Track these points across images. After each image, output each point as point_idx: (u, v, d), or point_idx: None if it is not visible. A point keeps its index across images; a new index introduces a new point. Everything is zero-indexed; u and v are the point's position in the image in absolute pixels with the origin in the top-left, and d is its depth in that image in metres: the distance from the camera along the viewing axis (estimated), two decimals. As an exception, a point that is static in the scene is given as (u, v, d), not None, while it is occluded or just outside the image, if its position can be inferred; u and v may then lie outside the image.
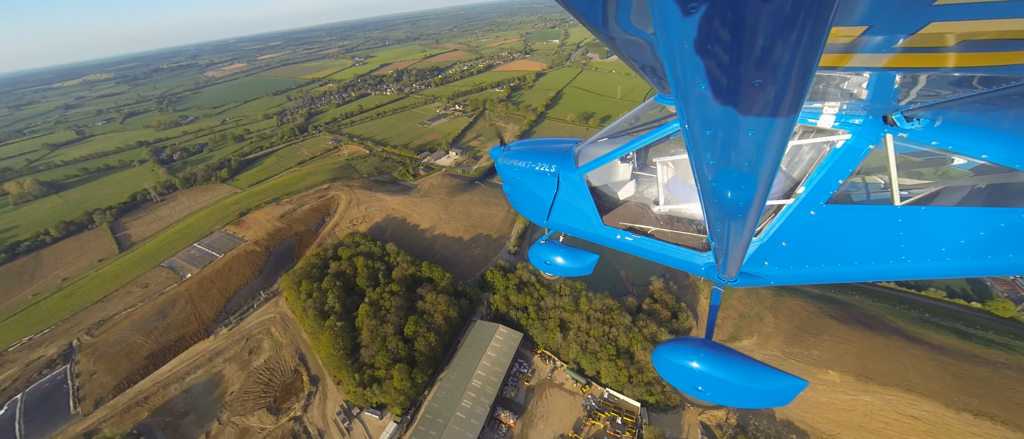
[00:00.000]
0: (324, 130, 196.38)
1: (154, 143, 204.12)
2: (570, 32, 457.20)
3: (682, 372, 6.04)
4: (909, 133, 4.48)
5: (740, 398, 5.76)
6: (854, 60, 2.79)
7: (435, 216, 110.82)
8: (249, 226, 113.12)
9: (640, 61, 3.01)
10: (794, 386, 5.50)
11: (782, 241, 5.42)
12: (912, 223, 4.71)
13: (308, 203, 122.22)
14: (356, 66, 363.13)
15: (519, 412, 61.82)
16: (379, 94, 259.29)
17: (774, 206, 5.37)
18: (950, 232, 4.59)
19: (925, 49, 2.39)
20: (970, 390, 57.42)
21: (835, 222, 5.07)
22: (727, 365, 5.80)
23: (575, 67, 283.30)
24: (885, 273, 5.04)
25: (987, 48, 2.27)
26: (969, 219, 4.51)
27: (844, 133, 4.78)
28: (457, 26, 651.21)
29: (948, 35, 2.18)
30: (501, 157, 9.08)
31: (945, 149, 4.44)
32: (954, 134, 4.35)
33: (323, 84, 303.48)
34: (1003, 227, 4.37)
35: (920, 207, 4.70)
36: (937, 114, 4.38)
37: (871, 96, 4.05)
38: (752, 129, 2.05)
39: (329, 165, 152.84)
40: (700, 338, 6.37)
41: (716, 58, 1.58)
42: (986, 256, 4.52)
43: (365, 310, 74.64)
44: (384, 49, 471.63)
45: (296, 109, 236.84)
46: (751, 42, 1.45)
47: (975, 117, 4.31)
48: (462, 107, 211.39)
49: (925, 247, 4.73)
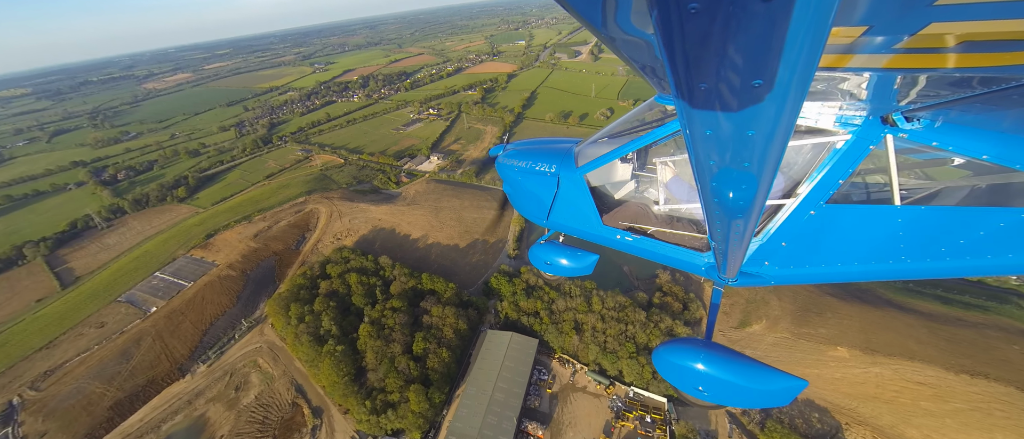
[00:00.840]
0: (291, 140, 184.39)
1: (92, 163, 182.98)
2: (535, 33, 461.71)
3: (683, 372, 6.05)
4: (909, 133, 4.49)
5: (741, 398, 5.78)
6: (854, 60, 2.78)
7: (426, 224, 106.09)
8: (219, 248, 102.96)
9: (640, 61, 3.01)
10: (794, 386, 5.53)
11: (782, 241, 5.42)
12: (912, 223, 4.72)
13: (284, 219, 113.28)
14: (317, 73, 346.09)
15: (545, 421, 59.39)
16: (346, 101, 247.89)
17: (774, 206, 5.32)
18: (950, 232, 4.62)
19: (925, 49, 2.39)
20: (962, 352, 61.53)
21: (835, 222, 5.07)
22: (727, 365, 5.83)
23: (545, 67, 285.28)
24: (885, 273, 5.06)
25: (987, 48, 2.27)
26: (969, 219, 4.53)
27: (844, 133, 4.76)
28: (418, 30, 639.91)
29: (948, 35, 2.18)
30: (501, 157, 8.92)
31: (945, 149, 4.44)
32: (954, 134, 4.37)
33: (283, 92, 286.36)
34: (1003, 227, 4.38)
35: (920, 207, 4.71)
36: (937, 114, 4.40)
37: (871, 96, 4.03)
38: (752, 129, 2.07)
39: (302, 177, 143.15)
40: (700, 338, 6.39)
41: (716, 58, 1.59)
42: (986, 256, 4.54)
43: (367, 330, 69.32)
44: (344, 55, 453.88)
45: (255, 119, 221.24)
46: (751, 42, 1.45)
47: (975, 117, 4.30)
48: (436, 111, 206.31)
49: (925, 247, 4.76)
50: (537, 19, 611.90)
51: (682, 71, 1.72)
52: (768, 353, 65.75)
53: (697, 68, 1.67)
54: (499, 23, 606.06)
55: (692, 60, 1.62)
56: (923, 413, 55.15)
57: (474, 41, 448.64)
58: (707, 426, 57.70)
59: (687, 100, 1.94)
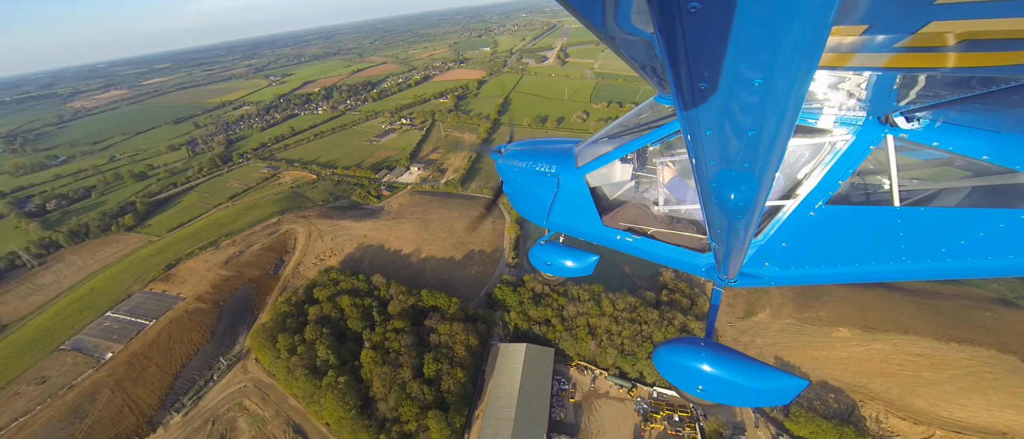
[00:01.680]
0: (254, 157, 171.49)
1: (13, 193, 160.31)
2: (499, 40, 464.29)
3: (683, 372, 6.04)
4: (909, 133, 4.48)
5: (741, 397, 5.77)
6: (854, 60, 2.79)
7: (417, 238, 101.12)
8: (184, 280, 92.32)
9: (640, 61, 3.03)
10: (793, 385, 5.54)
11: (782, 242, 5.40)
12: (912, 224, 4.71)
13: (257, 242, 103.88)
14: (274, 85, 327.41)
15: (573, 433, 57.05)
16: (310, 114, 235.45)
17: (774, 206, 5.29)
18: (950, 233, 4.60)
19: (925, 49, 2.40)
20: (947, 322, 66.11)
21: (835, 223, 5.06)
22: (728, 364, 5.80)
23: (515, 73, 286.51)
24: (885, 274, 5.06)
25: (987, 47, 2.27)
26: (969, 220, 4.52)
27: (844, 133, 4.73)
28: (378, 39, 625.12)
29: (948, 35, 2.19)
30: (501, 157, 8.87)
31: (945, 149, 4.42)
32: (954, 134, 4.35)
33: (237, 107, 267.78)
34: (1003, 228, 4.37)
35: (920, 208, 4.71)
36: (937, 114, 4.39)
37: (871, 96, 4.02)
38: (752, 129, 2.08)
39: (271, 196, 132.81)
40: (700, 338, 6.37)
41: (716, 58, 1.59)
42: (986, 257, 4.52)
43: (370, 356, 63.90)
44: (301, 66, 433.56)
45: (210, 137, 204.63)
46: (751, 42, 1.46)
47: (975, 117, 4.30)
48: (409, 120, 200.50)
49: (925, 248, 4.75)
50: (499, 26, 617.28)
51: (682, 71, 1.72)
52: (778, 339, 67.45)
53: (697, 68, 1.67)
54: (461, 31, 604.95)
55: (692, 60, 1.62)
56: (925, 383, 58.33)
57: (438, 49, 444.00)
58: (734, 418, 57.78)
59: (687, 100, 1.94)
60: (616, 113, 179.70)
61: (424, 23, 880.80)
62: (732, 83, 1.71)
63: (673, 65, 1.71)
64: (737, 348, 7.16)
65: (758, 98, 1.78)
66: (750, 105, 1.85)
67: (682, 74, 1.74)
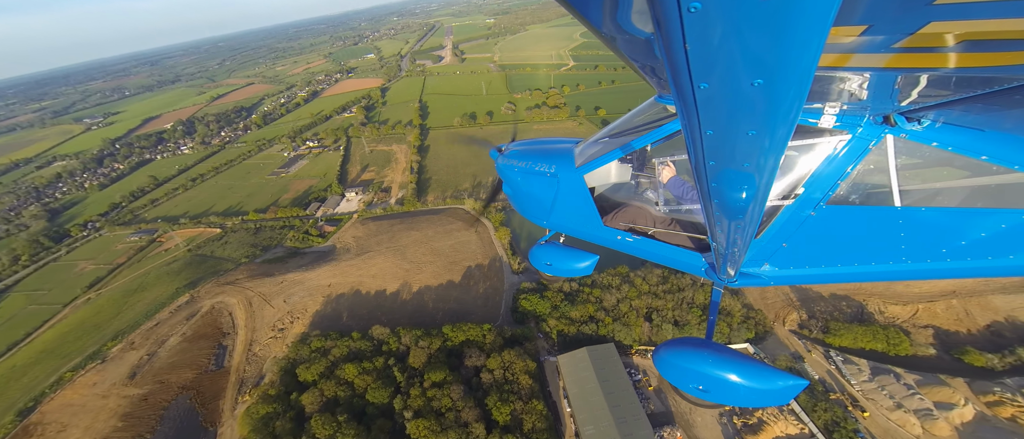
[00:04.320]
0: (106, 224, 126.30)
1: None
2: (380, 46, 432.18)
3: (683, 372, 6.04)
4: (909, 133, 4.48)
5: (741, 397, 5.77)
6: (854, 60, 2.79)
7: (397, 271, 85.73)
8: (63, 424, 61.73)
9: (640, 61, 2.99)
10: (794, 385, 5.56)
11: (782, 242, 5.41)
12: (912, 224, 4.72)
13: (173, 334, 75.57)
14: (96, 129, 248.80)
15: (669, 420, 54.15)
16: (173, 156, 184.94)
17: (774, 206, 5.30)
18: (950, 233, 4.63)
19: (925, 49, 2.40)
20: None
21: (835, 223, 5.06)
22: (728, 365, 5.80)
23: (416, 76, 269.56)
24: (886, 274, 5.08)
25: (987, 48, 2.27)
26: (969, 220, 4.54)
27: (844, 133, 4.73)
28: (228, 59, 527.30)
29: (948, 35, 2.20)
30: (501, 157, 8.85)
31: (945, 149, 4.43)
32: (954, 134, 4.37)
33: (43, 166, 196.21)
34: (1004, 228, 4.40)
35: (920, 208, 4.70)
36: (937, 114, 4.39)
37: (871, 96, 4.01)
38: (752, 129, 2.09)
39: (162, 268, 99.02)
40: (700, 338, 6.43)
41: (716, 58, 1.59)
42: (986, 257, 4.56)
43: (424, 426, 50.72)
44: (129, 100, 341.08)
45: (14, 210, 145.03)
46: (751, 42, 1.45)
47: (975, 117, 4.30)
48: (317, 142, 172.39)
49: (925, 248, 4.76)
50: (372, 32, 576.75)
51: (682, 71, 1.70)
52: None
53: (698, 68, 1.66)
54: (330, 41, 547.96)
55: (693, 60, 1.61)
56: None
57: (313, 61, 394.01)
58: (787, 350, 61.74)
59: (687, 100, 1.92)
60: (544, 99, 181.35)
61: (280, 37, 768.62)
62: (733, 83, 1.70)
63: (673, 65, 1.69)
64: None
65: (758, 98, 1.77)
66: (750, 105, 1.84)
67: (682, 74, 1.72)
